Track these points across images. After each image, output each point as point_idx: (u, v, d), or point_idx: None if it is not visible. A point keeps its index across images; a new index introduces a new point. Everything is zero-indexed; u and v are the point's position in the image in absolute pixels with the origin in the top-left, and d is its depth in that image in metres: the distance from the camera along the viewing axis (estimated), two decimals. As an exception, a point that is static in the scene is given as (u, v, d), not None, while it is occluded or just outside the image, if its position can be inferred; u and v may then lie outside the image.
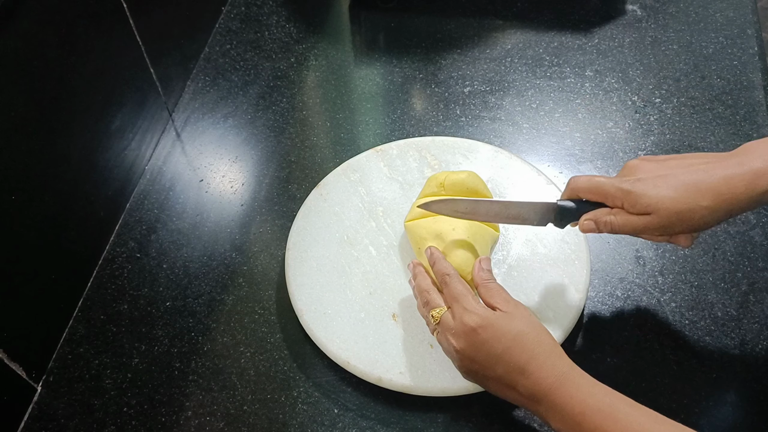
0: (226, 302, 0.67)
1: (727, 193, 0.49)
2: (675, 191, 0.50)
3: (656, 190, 0.51)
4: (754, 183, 0.49)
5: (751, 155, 0.50)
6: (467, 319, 0.51)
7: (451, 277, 0.56)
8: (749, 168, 0.49)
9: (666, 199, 0.50)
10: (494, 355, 0.50)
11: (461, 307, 0.53)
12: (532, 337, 0.50)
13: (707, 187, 0.50)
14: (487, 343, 0.50)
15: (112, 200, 0.73)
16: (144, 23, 0.73)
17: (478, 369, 0.51)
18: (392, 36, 0.92)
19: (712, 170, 0.50)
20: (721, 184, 0.50)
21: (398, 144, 0.75)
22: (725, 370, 0.60)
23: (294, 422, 0.59)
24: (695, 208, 0.50)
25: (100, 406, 0.60)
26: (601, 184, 0.54)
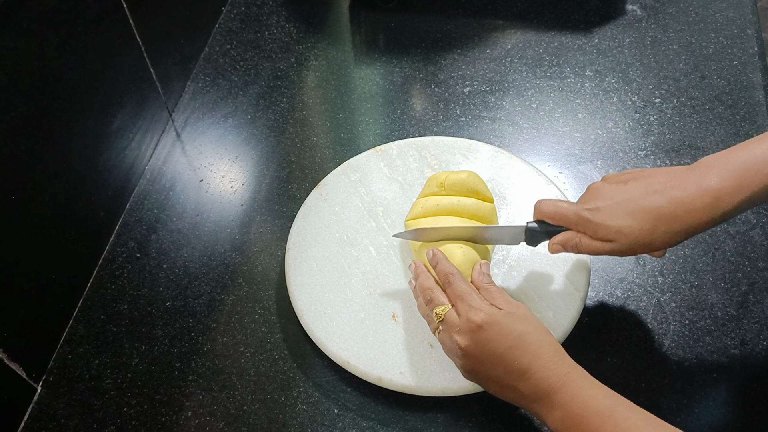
0: (226, 302, 0.67)
1: (685, 217, 0.50)
2: (633, 219, 0.51)
3: (615, 219, 0.52)
4: (712, 206, 0.50)
5: (709, 174, 0.50)
6: (473, 316, 0.51)
7: (455, 276, 0.56)
8: (706, 189, 0.50)
9: (625, 228, 0.52)
10: (498, 354, 0.50)
11: (467, 304, 0.53)
12: (536, 337, 0.50)
13: (665, 213, 0.50)
14: (492, 341, 0.50)
15: (112, 200, 0.73)
16: (144, 23, 0.73)
17: (481, 368, 0.51)
18: (392, 36, 0.92)
19: (670, 193, 0.51)
20: (679, 209, 0.50)
21: (398, 144, 0.75)
22: (725, 370, 0.60)
23: (294, 422, 0.59)
24: (655, 234, 0.51)
25: (100, 406, 0.60)
26: (564, 211, 0.56)
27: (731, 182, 0.49)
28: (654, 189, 0.52)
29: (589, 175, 0.74)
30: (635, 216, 0.51)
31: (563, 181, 0.74)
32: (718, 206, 0.49)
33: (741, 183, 0.49)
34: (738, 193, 0.49)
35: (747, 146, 0.51)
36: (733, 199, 0.49)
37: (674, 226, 0.50)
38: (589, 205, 0.54)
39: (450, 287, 0.55)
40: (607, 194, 0.54)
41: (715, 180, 0.50)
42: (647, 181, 0.53)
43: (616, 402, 0.46)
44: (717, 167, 0.50)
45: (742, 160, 0.50)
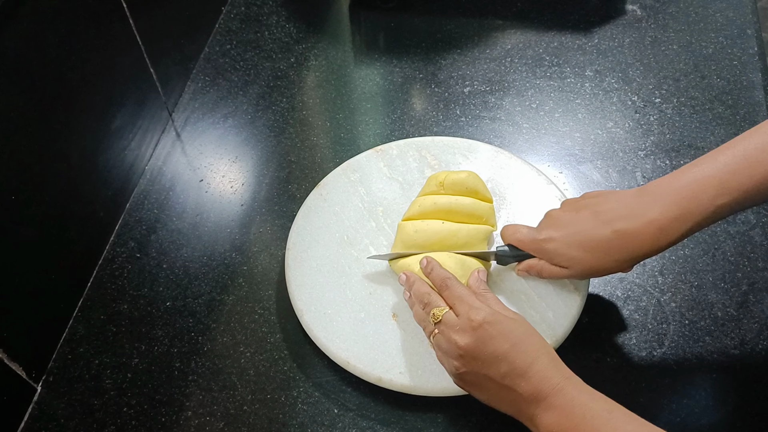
0: (226, 302, 0.67)
1: (633, 247, 0.53)
2: (584, 251, 0.55)
3: (568, 250, 0.56)
4: (657, 236, 0.52)
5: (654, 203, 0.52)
6: (474, 315, 0.51)
7: (452, 280, 0.56)
8: (651, 221, 0.51)
9: (577, 257, 0.55)
10: (499, 353, 0.50)
11: (466, 304, 0.53)
12: (536, 340, 0.51)
13: (613, 244, 0.53)
14: (493, 339, 0.50)
15: (112, 200, 0.73)
16: (144, 23, 0.73)
17: (479, 368, 0.51)
18: (392, 36, 0.92)
19: (616, 225, 0.53)
20: (626, 240, 0.53)
21: (398, 144, 0.75)
22: (725, 370, 0.60)
23: (294, 422, 0.59)
24: (605, 262, 0.54)
25: (100, 406, 0.60)
26: (522, 239, 0.59)
27: (674, 213, 0.51)
28: (602, 220, 0.54)
29: (589, 175, 0.75)
30: (585, 247, 0.55)
31: (563, 181, 0.74)
32: (663, 236, 0.52)
33: (683, 213, 0.51)
34: (681, 223, 0.51)
35: (691, 169, 0.52)
36: (676, 231, 0.51)
37: (623, 254, 0.53)
38: (543, 235, 0.58)
39: (447, 290, 0.55)
40: (560, 224, 0.57)
41: (659, 211, 0.51)
42: (597, 210, 0.55)
43: (614, 407, 0.47)
44: (661, 196, 0.52)
45: (686, 187, 0.51)
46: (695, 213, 0.51)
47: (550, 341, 0.59)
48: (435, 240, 0.62)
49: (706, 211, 0.50)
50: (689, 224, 0.51)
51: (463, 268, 0.60)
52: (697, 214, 0.51)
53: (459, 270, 0.59)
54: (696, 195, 0.51)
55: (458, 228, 0.63)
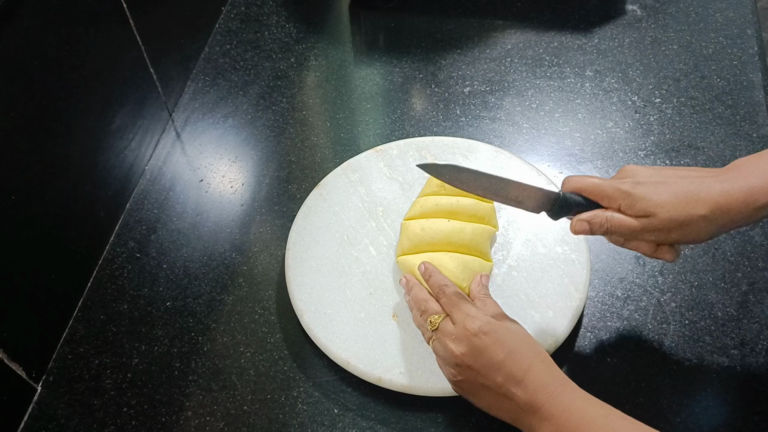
0: (226, 302, 0.67)
1: (725, 205, 0.50)
2: (675, 197, 0.50)
3: (657, 194, 0.51)
4: (750, 198, 0.49)
5: (744, 171, 0.51)
6: (469, 324, 0.51)
7: (449, 286, 0.56)
8: (744, 183, 0.50)
9: (667, 204, 0.50)
10: (495, 362, 0.50)
11: (462, 312, 0.53)
12: (531, 347, 0.51)
13: (706, 197, 0.50)
14: (488, 349, 0.50)
15: (112, 200, 0.73)
16: (144, 23, 0.73)
17: (476, 377, 0.51)
18: (392, 36, 0.92)
19: (708, 183, 0.51)
20: (719, 196, 0.50)
21: (398, 144, 0.75)
22: (725, 370, 0.60)
23: (294, 422, 0.59)
24: (693, 216, 0.50)
25: (100, 406, 0.60)
26: (599, 184, 0.54)
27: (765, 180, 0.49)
28: (692, 178, 0.51)
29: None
30: (677, 195, 0.50)
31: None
32: (754, 199, 0.49)
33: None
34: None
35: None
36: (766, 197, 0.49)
37: (713, 212, 0.50)
38: (628, 180, 0.53)
39: (444, 297, 0.55)
40: (644, 173, 0.53)
41: (750, 178, 0.50)
42: (683, 172, 0.53)
43: (610, 411, 0.47)
44: (750, 167, 0.51)
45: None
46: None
47: (550, 341, 0.59)
48: (441, 237, 0.62)
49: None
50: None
51: (465, 271, 0.60)
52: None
53: (461, 273, 0.59)
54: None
55: (463, 225, 0.63)
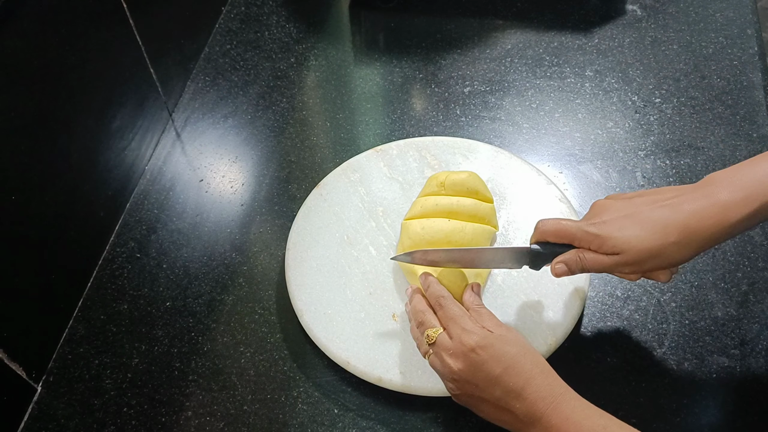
0: (226, 302, 0.67)
1: (696, 228, 0.49)
2: (642, 230, 0.50)
3: (622, 231, 0.51)
4: (722, 216, 0.49)
5: (717, 187, 0.50)
6: (466, 339, 0.51)
7: (446, 298, 0.55)
8: (716, 200, 0.49)
9: (633, 239, 0.50)
10: (492, 377, 0.49)
11: (459, 327, 0.52)
12: (529, 358, 0.50)
13: (675, 223, 0.50)
14: (485, 364, 0.50)
15: (112, 200, 0.73)
16: (144, 23, 0.73)
17: (474, 391, 0.51)
18: (392, 36, 0.92)
19: (678, 206, 0.50)
20: (689, 218, 0.49)
21: (398, 144, 0.75)
22: (725, 370, 0.60)
23: (294, 422, 0.59)
24: (664, 245, 0.50)
25: (100, 406, 0.60)
26: (568, 228, 0.54)
27: (739, 194, 0.49)
28: (662, 203, 0.51)
29: (589, 175, 0.74)
30: (644, 226, 0.50)
31: (563, 181, 0.74)
32: (728, 217, 0.49)
33: (749, 195, 0.49)
34: (746, 204, 0.49)
35: (753, 162, 0.51)
36: (742, 211, 0.49)
37: (684, 237, 0.49)
38: (594, 220, 0.53)
39: (441, 310, 0.55)
40: (613, 208, 0.53)
41: (724, 193, 0.49)
42: (654, 197, 0.52)
43: (609, 422, 0.47)
44: (724, 181, 0.50)
45: (749, 175, 0.50)
46: (760, 196, 0.49)
47: (550, 341, 0.59)
48: (442, 236, 0.62)
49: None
50: (754, 206, 0.48)
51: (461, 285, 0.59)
52: (762, 197, 0.48)
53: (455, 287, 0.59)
54: (760, 180, 0.49)
55: (464, 225, 0.63)
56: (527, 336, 0.59)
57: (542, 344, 0.59)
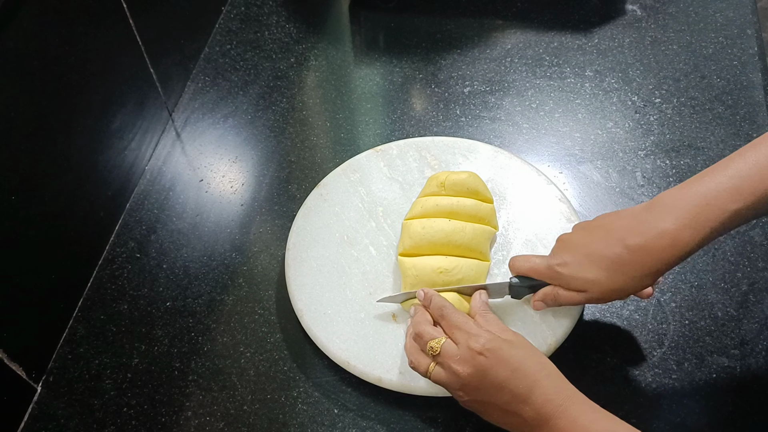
0: (226, 302, 0.67)
1: (648, 263, 0.51)
2: (599, 269, 0.53)
3: (583, 271, 0.54)
4: (671, 247, 0.50)
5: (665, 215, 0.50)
6: (473, 343, 0.51)
7: (448, 308, 0.55)
8: (663, 232, 0.50)
9: (594, 280, 0.53)
10: (500, 381, 0.49)
11: (465, 332, 0.52)
12: (536, 361, 0.50)
13: (628, 260, 0.51)
14: (493, 368, 0.50)
15: (112, 200, 0.73)
16: (144, 23, 0.73)
17: (482, 397, 0.51)
18: (392, 36, 0.92)
19: (630, 241, 0.51)
20: (640, 255, 0.51)
21: (398, 144, 0.75)
22: (725, 370, 0.60)
23: (294, 422, 0.59)
24: (624, 281, 0.52)
25: (100, 406, 0.60)
26: (536, 267, 0.57)
27: (687, 221, 0.49)
28: (615, 237, 0.52)
29: (589, 175, 0.75)
30: (600, 266, 0.53)
31: (563, 181, 0.74)
32: (678, 247, 0.50)
33: (697, 221, 0.49)
34: (695, 231, 0.49)
35: (702, 179, 0.51)
36: (692, 239, 0.49)
37: (639, 270, 0.51)
38: (557, 260, 0.56)
39: (444, 319, 0.55)
40: (573, 246, 0.56)
41: (671, 221, 0.50)
42: (609, 229, 0.54)
43: (616, 426, 0.47)
44: (673, 206, 0.51)
45: (698, 195, 0.50)
46: (710, 219, 0.49)
47: (550, 341, 0.59)
48: (442, 236, 0.62)
49: (722, 217, 0.49)
50: (705, 231, 0.49)
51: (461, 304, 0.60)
52: (713, 220, 0.49)
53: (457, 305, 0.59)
54: (709, 202, 0.49)
55: (464, 225, 0.63)
56: (527, 336, 0.59)
57: (542, 344, 0.59)
